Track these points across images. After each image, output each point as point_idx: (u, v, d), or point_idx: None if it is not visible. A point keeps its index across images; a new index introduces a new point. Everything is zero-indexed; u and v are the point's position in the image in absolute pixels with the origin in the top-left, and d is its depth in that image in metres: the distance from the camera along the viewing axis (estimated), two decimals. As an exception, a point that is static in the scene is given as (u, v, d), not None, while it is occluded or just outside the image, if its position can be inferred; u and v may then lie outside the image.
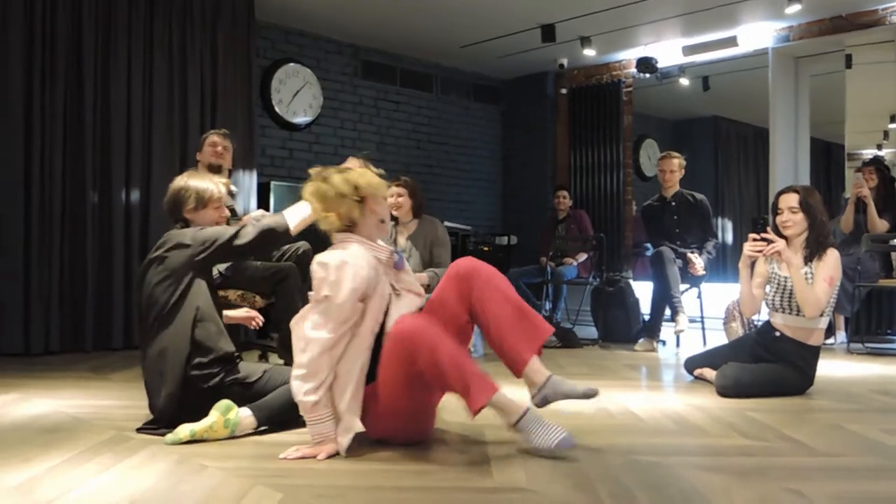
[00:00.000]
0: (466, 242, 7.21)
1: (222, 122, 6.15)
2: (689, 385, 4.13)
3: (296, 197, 6.72)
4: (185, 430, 2.71)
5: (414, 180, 4.94)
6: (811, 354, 3.77)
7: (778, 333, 3.81)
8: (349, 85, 7.70)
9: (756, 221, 3.75)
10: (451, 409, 3.37)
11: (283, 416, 2.91)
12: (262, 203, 6.44)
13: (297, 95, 7.13)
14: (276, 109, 7.00)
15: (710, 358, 4.18)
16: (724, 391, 3.73)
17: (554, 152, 8.92)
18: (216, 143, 4.66)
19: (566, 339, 5.91)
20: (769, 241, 3.69)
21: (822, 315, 3.71)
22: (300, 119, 7.20)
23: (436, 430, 2.98)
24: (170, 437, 2.72)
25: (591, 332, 6.47)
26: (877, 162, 6.16)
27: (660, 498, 2.15)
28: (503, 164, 9.18)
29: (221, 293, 4.38)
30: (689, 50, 7.58)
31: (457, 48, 7.86)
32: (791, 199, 3.79)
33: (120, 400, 3.61)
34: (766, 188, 7.50)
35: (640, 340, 5.74)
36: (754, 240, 3.72)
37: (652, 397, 3.78)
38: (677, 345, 5.80)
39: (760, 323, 4.12)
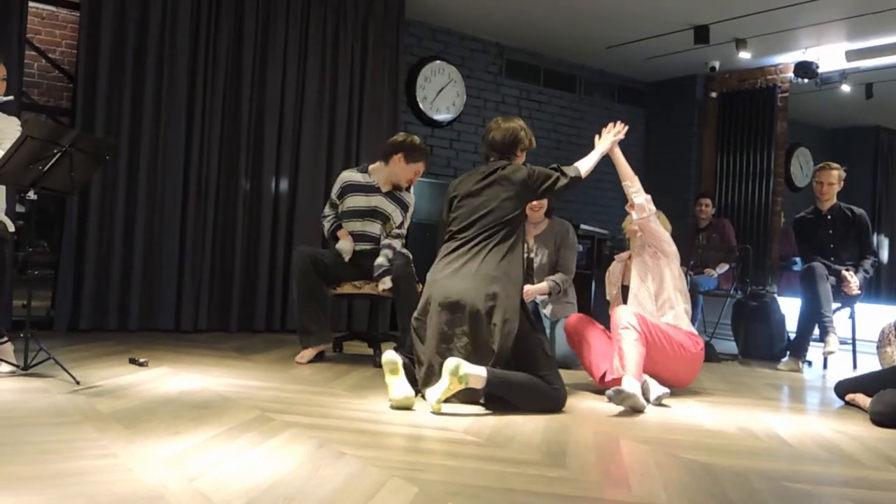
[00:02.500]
0: (602, 247, 7.05)
1: (368, 116, 6.30)
2: (839, 411, 3.88)
3: (434, 194, 6.78)
4: (434, 397, 3.12)
5: None
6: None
7: (946, 362, 3.54)
8: (492, 83, 7.71)
9: None
10: (582, 416, 3.31)
11: (514, 395, 3.27)
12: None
13: (441, 93, 7.21)
14: (420, 106, 7.09)
15: (864, 383, 3.92)
16: (881, 419, 3.48)
17: (699, 158, 8.64)
18: (419, 173, 4.69)
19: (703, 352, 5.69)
20: None
21: None
22: (443, 116, 7.27)
23: (571, 436, 2.93)
24: (434, 406, 3.12)
25: (730, 346, 6.22)
26: None
27: (812, 529, 2.03)
28: (644, 168, 8.94)
29: (339, 289, 4.56)
30: (853, 55, 7.14)
31: (602, 49, 7.72)
32: None
33: (263, 381, 3.74)
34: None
35: (785, 359, 5.46)
36: None
37: (798, 421, 3.58)
38: (824, 367, 5.49)
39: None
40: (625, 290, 4.13)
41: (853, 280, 5.32)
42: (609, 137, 4.07)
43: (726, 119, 8.47)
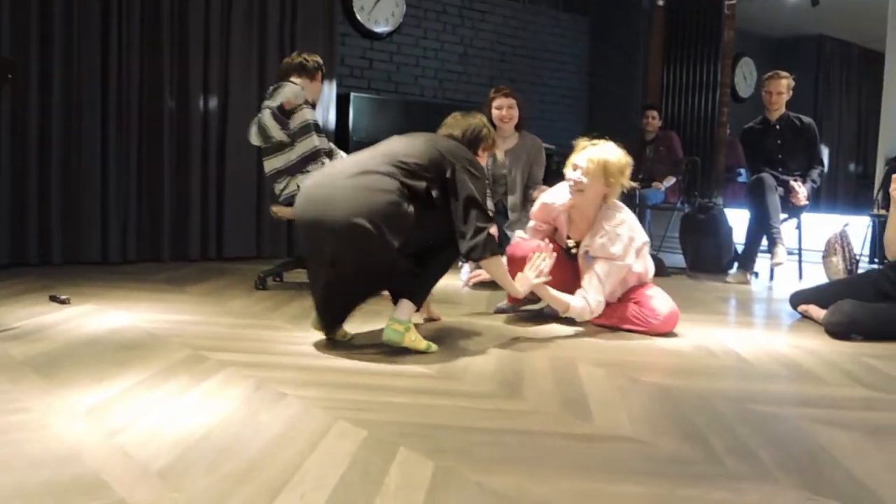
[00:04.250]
0: (550, 162, 6.82)
1: (302, 29, 5.92)
2: (792, 324, 3.83)
3: (374, 110, 6.49)
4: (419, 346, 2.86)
5: None
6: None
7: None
8: (433, -8, 7.33)
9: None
10: (536, 342, 3.18)
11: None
12: (341, 115, 6.22)
13: (379, 2, 6.81)
14: (358, 17, 6.69)
15: (821, 294, 3.85)
16: (836, 329, 3.43)
17: (645, 69, 8.43)
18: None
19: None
20: None
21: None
22: (382, 28, 6.88)
23: (527, 364, 2.79)
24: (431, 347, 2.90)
25: (678, 259, 6.16)
26: None
27: (784, 457, 1.92)
28: (590, 81, 8.73)
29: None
30: (801, -41, 6.95)
31: (547, -46, 7.38)
32: None
33: (195, 315, 3.50)
34: (872, 117, 6.89)
35: (733, 271, 5.44)
36: None
37: (752, 336, 3.50)
38: (771, 278, 5.47)
39: (861, 258, 3.83)
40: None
41: (801, 190, 5.26)
42: (529, 280, 3.21)
43: (673, 29, 8.24)
